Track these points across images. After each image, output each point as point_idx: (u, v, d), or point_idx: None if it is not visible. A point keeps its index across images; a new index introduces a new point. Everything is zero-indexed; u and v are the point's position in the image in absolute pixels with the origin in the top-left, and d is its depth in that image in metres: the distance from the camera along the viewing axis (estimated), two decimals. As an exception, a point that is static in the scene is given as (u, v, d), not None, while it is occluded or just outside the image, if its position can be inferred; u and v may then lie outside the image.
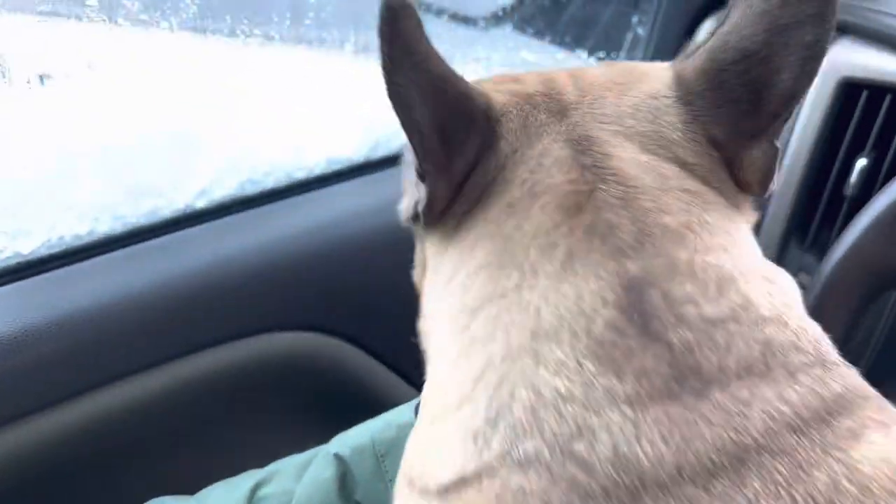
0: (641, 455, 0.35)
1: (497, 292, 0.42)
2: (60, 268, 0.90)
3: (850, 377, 0.40)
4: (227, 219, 1.00)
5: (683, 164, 0.44)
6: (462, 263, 0.45)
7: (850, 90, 1.04)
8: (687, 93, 0.46)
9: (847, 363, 0.41)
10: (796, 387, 0.38)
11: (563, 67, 0.53)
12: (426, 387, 0.46)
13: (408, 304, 0.53)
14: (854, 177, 1.03)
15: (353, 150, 1.07)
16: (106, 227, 0.93)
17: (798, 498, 0.34)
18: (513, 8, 1.25)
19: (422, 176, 0.46)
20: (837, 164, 1.06)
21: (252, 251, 0.99)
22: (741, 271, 0.41)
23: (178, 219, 0.97)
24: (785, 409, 0.37)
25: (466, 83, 0.45)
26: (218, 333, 0.94)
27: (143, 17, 0.80)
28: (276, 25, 1.00)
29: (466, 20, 1.18)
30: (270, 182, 1.03)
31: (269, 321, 0.97)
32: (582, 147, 0.44)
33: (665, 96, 0.46)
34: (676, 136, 0.45)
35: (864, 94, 1.03)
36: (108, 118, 0.87)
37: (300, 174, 1.04)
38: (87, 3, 0.78)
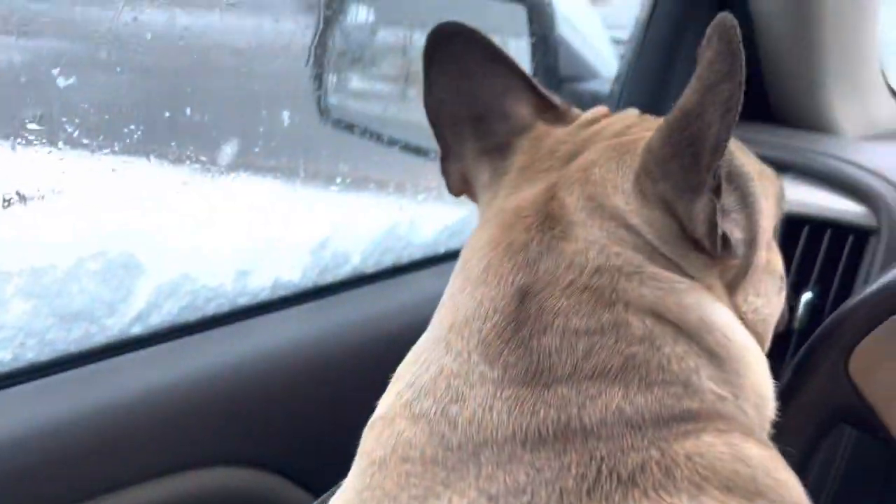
0: (489, 419, 0.45)
1: (452, 291, 0.53)
2: (-23, 396, 0.84)
3: (713, 402, 0.46)
4: (163, 346, 0.96)
5: (620, 212, 0.50)
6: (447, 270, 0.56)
7: (793, 226, 1.07)
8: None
9: (726, 395, 0.48)
10: (648, 394, 0.45)
11: None
12: None
13: (351, 438, 0.52)
14: (800, 311, 1.04)
15: (301, 276, 1.05)
16: (33, 353, 0.88)
17: (604, 471, 0.42)
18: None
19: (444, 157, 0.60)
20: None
21: (188, 381, 0.94)
22: (628, 300, 0.48)
23: (112, 346, 0.93)
24: (627, 408, 0.44)
25: (538, 90, 0.60)
26: (144, 470, 0.88)
27: (85, 140, 0.79)
28: (223, 152, 0.99)
29: (418, 150, 1.21)
30: (212, 308, 0.99)
31: (201, 457, 0.91)
32: (550, 192, 0.53)
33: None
34: (626, 187, 0.51)
35: (806, 229, 1.06)
36: (40, 240, 0.84)
37: (243, 300, 1.01)
38: (28, 126, 0.77)
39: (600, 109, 0.62)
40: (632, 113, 0.62)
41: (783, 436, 0.59)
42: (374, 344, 1.06)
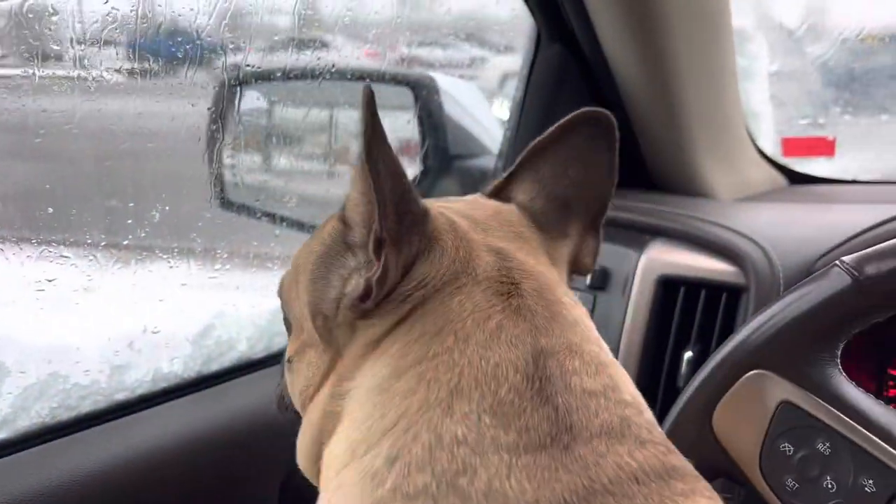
0: (508, 489, 0.44)
1: (430, 354, 0.51)
2: None
3: (688, 465, 0.50)
4: (34, 450, 0.90)
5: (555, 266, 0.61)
6: (401, 336, 0.53)
7: (669, 287, 1.10)
8: (537, 216, 0.63)
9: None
10: (644, 451, 0.48)
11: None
12: (327, 455, 0.54)
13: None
14: (683, 369, 1.06)
15: (183, 367, 1.02)
16: None
17: None
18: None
19: (378, 249, 0.52)
20: (668, 358, 1.09)
21: (61, 486, 0.89)
22: (610, 363, 0.54)
23: (-26, 454, 0.87)
24: (633, 463, 0.47)
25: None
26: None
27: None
28: (101, 238, 0.97)
29: (309, 227, 1.21)
30: (87, 406, 0.95)
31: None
32: (500, 255, 0.56)
33: (521, 222, 0.62)
34: (539, 245, 0.61)
35: (682, 290, 1.10)
36: None
37: (121, 396, 0.97)
38: None
39: None
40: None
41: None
42: (268, 431, 1.03)
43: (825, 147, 1.48)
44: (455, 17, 1.52)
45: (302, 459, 0.61)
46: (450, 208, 0.60)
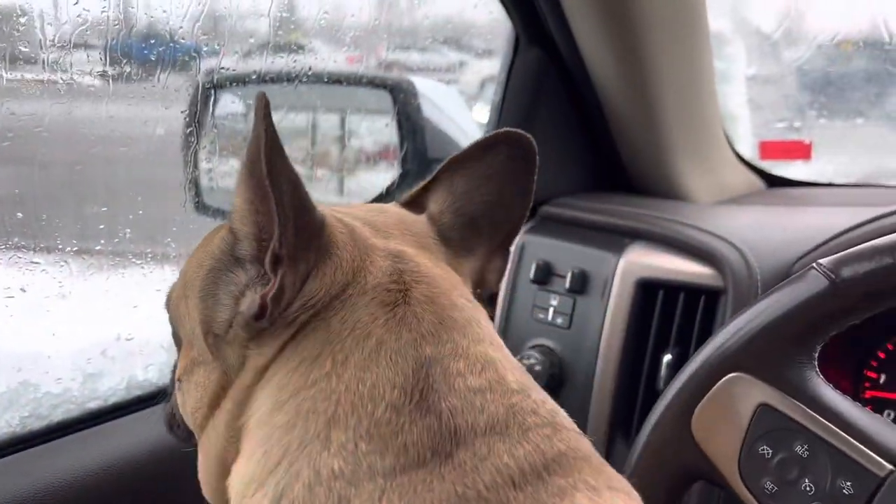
0: None
1: (308, 383, 0.49)
2: None
3: (575, 440, 0.51)
4: (4, 461, 0.88)
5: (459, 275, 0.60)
6: (283, 364, 0.51)
7: (648, 290, 1.10)
8: (444, 229, 0.62)
9: (579, 430, 0.52)
10: (525, 444, 0.48)
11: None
12: (229, 489, 0.52)
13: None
14: (663, 372, 1.06)
15: (158, 374, 1.00)
16: None
17: None
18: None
19: (274, 266, 0.50)
20: (647, 361, 1.09)
21: (35, 496, 0.87)
22: (499, 358, 0.53)
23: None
24: (511, 463, 0.46)
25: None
26: None
27: None
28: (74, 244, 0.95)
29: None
30: (59, 415, 0.93)
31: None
32: (397, 258, 0.55)
33: (427, 233, 0.61)
34: (442, 257, 0.60)
35: (661, 293, 1.10)
36: None
37: (94, 404, 0.95)
38: None
39: None
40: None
41: (640, 494, 0.60)
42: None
43: (802, 150, 1.49)
44: (434, 21, 1.52)
45: (206, 488, 0.59)
46: (351, 213, 0.59)
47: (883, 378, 1.08)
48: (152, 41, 0.98)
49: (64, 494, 0.88)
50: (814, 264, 0.65)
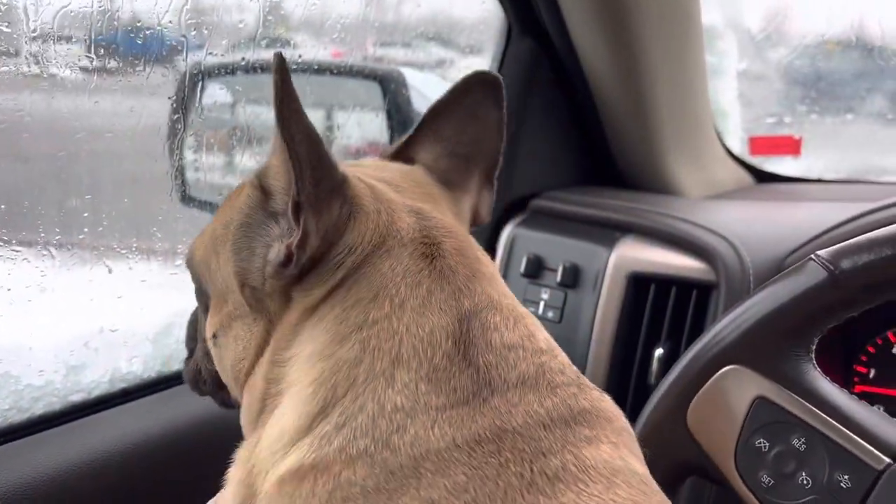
0: (430, 436, 0.49)
1: (370, 321, 0.53)
2: None
3: (598, 401, 0.54)
4: (-15, 454, 0.86)
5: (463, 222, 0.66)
6: (338, 303, 0.54)
7: (640, 284, 1.10)
8: (443, 174, 0.67)
9: (601, 390, 0.56)
10: (553, 398, 0.52)
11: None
12: (278, 410, 0.55)
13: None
14: (654, 366, 1.06)
15: (143, 367, 0.99)
16: None
17: (535, 469, 0.48)
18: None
19: (296, 214, 0.53)
20: (638, 355, 1.09)
21: (16, 490, 0.85)
22: (525, 313, 0.58)
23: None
24: (541, 411, 0.51)
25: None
26: None
27: None
28: (58, 236, 0.93)
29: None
30: (41, 408, 0.91)
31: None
32: (420, 215, 0.59)
33: (429, 182, 0.66)
34: (447, 202, 0.65)
35: (653, 287, 1.09)
36: None
37: (77, 397, 0.93)
38: None
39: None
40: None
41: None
42: (231, 433, 1.00)
43: (792, 146, 1.49)
44: (421, 18, 1.51)
45: (250, 433, 0.60)
46: (359, 170, 0.61)
47: (872, 373, 1.08)
48: (139, 32, 0.96)
49: (46, 489, 0.86)
50: (812, 256, 0.64)
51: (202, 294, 0.66)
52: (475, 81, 0.67)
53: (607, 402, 0.55)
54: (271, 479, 0.52)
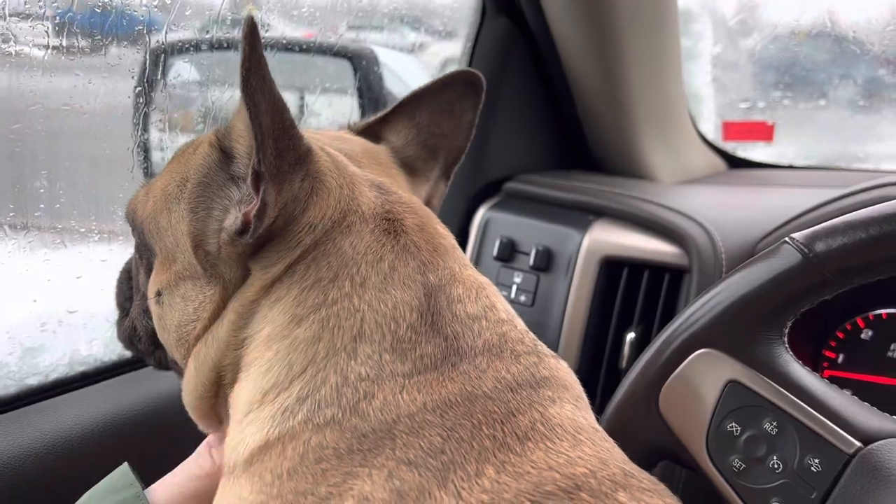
0: (400, 401, 0.50)
1: (329, 301, 0.53)
2: None
3: (556, 369, 0.56)
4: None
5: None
6: (296, 282, 0.54)
7: (612, 268, 1.09)
8: (408, 159, 0.70)
9: (558, 357, 0.59)
10: (518, 365, 0.54)
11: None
12: (233, 399, 0.56)
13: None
14: (626, 350, 1.05)
15: (103, 349, 0.96)
16: None
17: (506, 430, 0.50)
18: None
19: (256, 183, 0.52)
20: (610, 339, 1.08)
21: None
22: (485, 282, 0.59)
23: None
24: (508, 376, 0.53)
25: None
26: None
27: None
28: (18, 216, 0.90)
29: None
30: (-5, 391, 0.88)
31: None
32: (381, 190, 0.59)
33: (390, 163, 0.68)
34: (404, 185, 0.66)
35: (625, 271, 1.08)
36: None
37: (34, 380, 0.90)
38: None
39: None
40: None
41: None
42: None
43: (764, 132, 1.49)
44: (395, 1, 1.48)
45: (193, 400, 0.60)
46: (318, 140, 0.61)
47: (841, 358, 1.08)
48: (102, 10, 0.92)
49: (1, 473, 0.83)
50: (786, 238, 0.63)
51: (146, 250, 0.64)
52: (459, 79, 0.69)
53: (563, 371, 0.57)
54: (239, 463, 0.52)
